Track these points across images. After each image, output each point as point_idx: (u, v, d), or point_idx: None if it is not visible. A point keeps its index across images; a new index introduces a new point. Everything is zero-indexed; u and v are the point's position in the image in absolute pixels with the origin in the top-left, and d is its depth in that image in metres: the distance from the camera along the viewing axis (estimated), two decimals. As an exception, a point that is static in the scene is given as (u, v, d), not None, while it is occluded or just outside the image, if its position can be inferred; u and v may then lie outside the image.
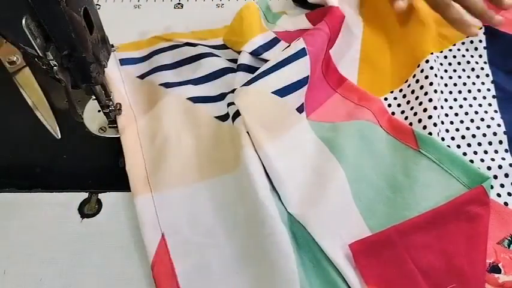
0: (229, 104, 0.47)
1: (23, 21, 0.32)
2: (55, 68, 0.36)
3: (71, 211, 0.42)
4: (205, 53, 0.52)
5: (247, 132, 0.42)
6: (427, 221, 0.37)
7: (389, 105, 0.48)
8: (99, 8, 0.60)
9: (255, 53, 0.52)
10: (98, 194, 0.43)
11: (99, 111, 0.47)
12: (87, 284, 0.38)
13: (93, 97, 0.44)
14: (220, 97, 0.49)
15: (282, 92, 0.45)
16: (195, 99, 0.48)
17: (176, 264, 0.37)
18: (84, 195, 0.43)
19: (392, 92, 0.49)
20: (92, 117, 0.49)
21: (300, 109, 0.46)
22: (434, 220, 0.37)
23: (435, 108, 0.45)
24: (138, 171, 0.43)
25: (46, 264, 0.39)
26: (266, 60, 0.50)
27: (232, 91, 0.48)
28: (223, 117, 0.47)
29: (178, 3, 0.62)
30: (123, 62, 0.53)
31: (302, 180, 0.42)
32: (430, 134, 0.43)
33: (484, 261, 0.36)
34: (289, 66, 0.46)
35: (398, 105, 0.48)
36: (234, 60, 0.53)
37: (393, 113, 0.47)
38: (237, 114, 0.44)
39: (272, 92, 0.45)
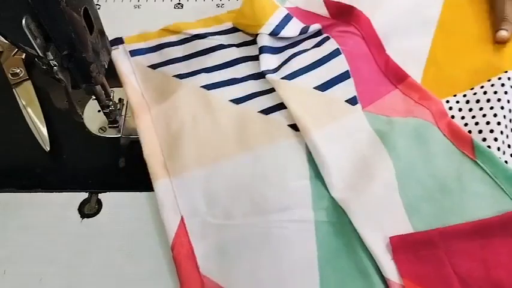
0: (256, 94, 0.49)
1: (23, 21, 0.32)
2: (55, 68, 0.36)
3: (71, 211, 0.42)
4: (215, 46, 0.53)
5: (289, 125, 0.45)
6: (472, 230, 0.37)
7: (450, 108, 0.47)
8: (99, 8, 0.60)
9: (274, 33, 0.52)
10: (98, 194, 0.43)
11: (99, 111, 0.47)
12: (87, 284, 0.38)
13: (93, 97, 0.44)
14: (232, 81, 0.50)
15: (323, 87, 0.48)
16: (209, 86, 0.49)
17: (195, 246, 0.39)
18: (84, 195, 0.43)
19: (455, 95, 0.48)
20: (92, 117, 0.49)
21: (351, 101, 0.47)
22: (480, 230, 0.37)
23: (499, 123, 0.44)
24: (155, 157, 0.44)
25: (46, 264, 0.39)
26: (285, 38, 0.52)
27: (260, 74, 0.50)
28: (237, 100, 0.48)
29: (178, 3, 0.62)
30: (133, 53, 0.53)
31: (349, 167, 0.43)
32: (489, 147, 0.42)
33: None
34: (326, 65, 0.49)
35: (460, 109, 0.47)
36: (244, 43, 0.54)
37: (453, 117, 0.46)
38: (274, 108, 0.47)
39: (313, 88, 0.48)
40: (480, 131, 0.44)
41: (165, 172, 0.43)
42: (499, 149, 0.42)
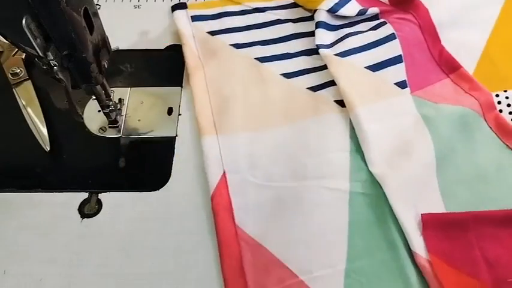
0: (307, 71, 0.51)
1: (23, 21, 0.32)
2: (55, 68, 0.36)
3: (71, 211, 0.42)
4: (273, 20, 0.56)
5: (335, 101, 0.48)
6: (506, 217, 0.39)
7: (499, 103, 0.48)
8: (99, 8, 0.60)
9: (332, 10, 0.54)
10: (98, 194, 0.43)
11: (99, 111, 0.47)
12: (87, 284, 0.39)
13: (93, 97, 0.44)
14: (285, 56, 0.53)
15: (374, 68, 0.50)
16: (262, 59, 0.53)
17: (233, 200, 0.42)
18: (84, 195, 0.43)
19: (506, 91, 0.49)
20: (92, 117, 0.49)
21: (401, 84, 0.49)
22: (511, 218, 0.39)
23: None
24: (205, 114, 0.47)
25: (46, 264, 0.39)
26: (342, 17, 0.54)
27: (312, 51, 0.52)
28: (287, 75, 0.51)
29: (179, 3, 0.62)
30: (195, 18, 0.56)
31: (390, 144, 0.44)
32: None
33: None
34: (380, 48, 0.51)
35: (508, 105, 0.48)
36: (301, 19, 0.57)
37: (500, 111, 0.47)
38: (322, 85, 0.50)
39: (364, 67, 0.50)
40: None
41: (213, 129, 0.46)
42: None
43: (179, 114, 0.49)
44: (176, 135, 0.48)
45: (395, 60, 0.50)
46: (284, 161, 0.44)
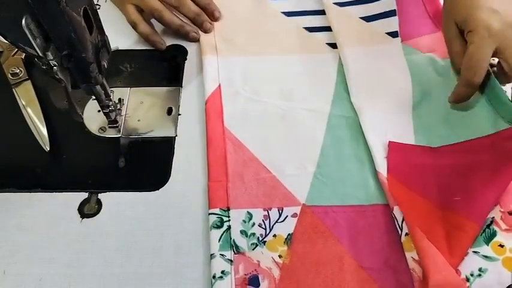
0: (306, 13, 0.57)
1: (23, 21, 0.32)
2: (55, 68, 0.36)
3: (71, 211, 0.42)
4: None
5: (327, 43, 0.54)
6: (464, 148, 0.43)
7: None
8: (99, 8, 0.60)
9: None
10: (98, 194, 0.44)
11: (99, 111, 0.47)
12: (87, 284, 0.39)
13: (93, 97, 0.44)
14: None
15: (368, 19, 0.56)
16: None
17: (225, 106, 0.49)
18: (84, 195, 0.43)
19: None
20: (92, 117, 0.49)
21: (392, 34, 0.55)
22: (470, 149, 0.43)
23: None
24: (208, 39, 0.55)
25: (46, 264, 0.40)
26: None
27: None
28: (288, 13, 0.58)
29: (178, 3, 0.62)
30: None
31: (372, 80, 0.50)
32: None
33: (498, 195, 0.39)
34: (376, 3, 0.57)
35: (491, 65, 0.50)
36: None
37: None
38: (318, 28, 0.56)
39: (359, 18, 0.56)
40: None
41: (214, 51, 0.54)
42: None
43: (179, 114, 0.49)
44: (176, 135, 0.48)
45: (389, 14, 0.56)
46: (273, 84, 0.51)
